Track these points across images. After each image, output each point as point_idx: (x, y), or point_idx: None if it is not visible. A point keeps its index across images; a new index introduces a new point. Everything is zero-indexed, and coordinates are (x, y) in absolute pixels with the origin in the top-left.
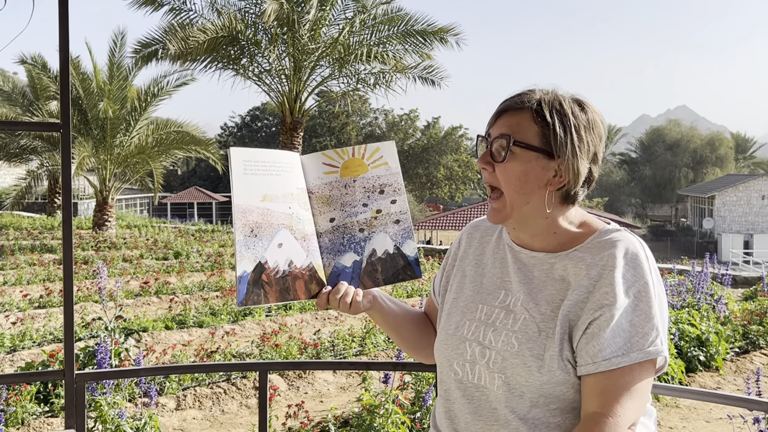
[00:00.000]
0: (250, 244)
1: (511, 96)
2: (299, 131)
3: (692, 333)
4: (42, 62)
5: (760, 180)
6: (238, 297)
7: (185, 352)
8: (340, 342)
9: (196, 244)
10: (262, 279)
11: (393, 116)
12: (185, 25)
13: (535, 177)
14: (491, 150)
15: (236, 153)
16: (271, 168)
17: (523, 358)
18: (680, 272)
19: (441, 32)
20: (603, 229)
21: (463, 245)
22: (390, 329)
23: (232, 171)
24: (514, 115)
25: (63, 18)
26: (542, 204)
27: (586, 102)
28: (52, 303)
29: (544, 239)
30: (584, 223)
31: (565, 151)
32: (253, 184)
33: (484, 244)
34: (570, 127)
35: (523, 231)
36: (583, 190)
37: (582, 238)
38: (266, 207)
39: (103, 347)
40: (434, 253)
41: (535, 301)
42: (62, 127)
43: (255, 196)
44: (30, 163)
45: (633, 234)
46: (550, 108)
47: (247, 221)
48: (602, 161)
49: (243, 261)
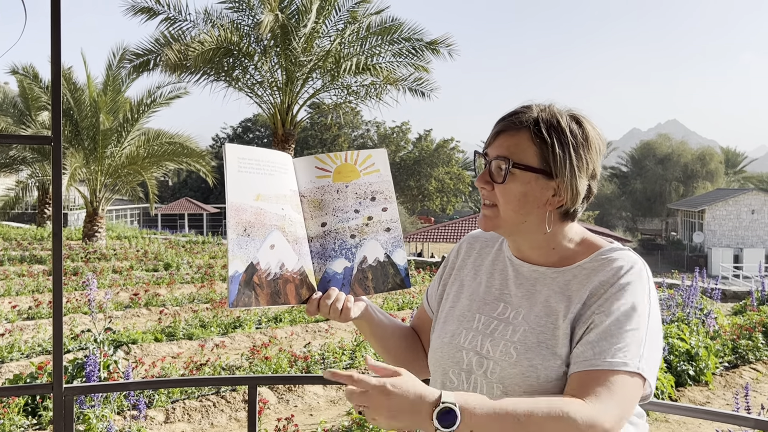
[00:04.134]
0: (243, 244)
1: (508, 114)
2: (291, 143)
3: (682, 347)
4: (33, 72)
5: (750, 194)
6: (229, 297)
7: (174, 364)
8: (330, 355)
9: (186, 256)
10: (253, 281)
11: (385, 128)
12: (179, 35)
13: (534, 197)
14: (490, 169)
15: (231, 150)
16: (265, 167)
17: (521, 368)
18: (670, 286)
19: (434, 43)
20: (607, 247)
21: (462, 255)
22: (377, 341)
23: (227, 168)
24: (513, 135)
25: (55, 32)
26: (540, 222)
27: (584, 117)
28: (41, 314)
29: (544, 253)
30: (585, 240)
31: (564, 171)
32: (248, 182)
33: (484, 255)
34: (568, 145)
35: (521, 242)
36: (582, 206)
37: (584, 255)
38: (260, 206)
39: (92, 360)
40: (425, 266)
41: (537, 314)
42: (53, 140)
43: (249, 195)
44: (20, 173)
45: (636, 254)
46: (547, 127)
47: (241, 220)
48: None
49: (235, 260)
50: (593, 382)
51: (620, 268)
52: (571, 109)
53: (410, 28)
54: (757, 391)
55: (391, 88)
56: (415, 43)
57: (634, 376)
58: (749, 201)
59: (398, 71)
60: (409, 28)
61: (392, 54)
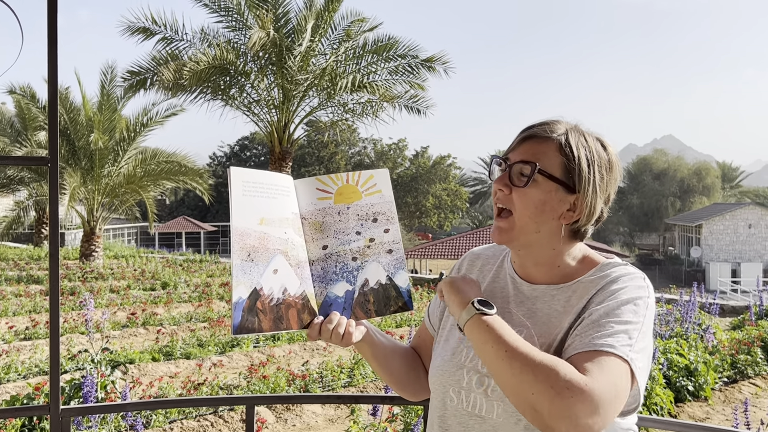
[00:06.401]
0: (247, 269)
1: (537, 123)
2: (288, 161)
3: (681, 363)
4: (31, 92)
5: (746, 209)
6: (233, 324)
7: (172, 384)
8: (328, 373)
9: (183, 275)
10: (256, 306)
11: (382, 145)
12: (176, 55)
13: (551, 208)
14: (510, 173)
15: (236, 173)
16: (268, 190)
17: None
18: (668, 301)
19: (430, 60)
20: (605, 262)
21: (463, 272)
22: (378, 363)
23: (232, 192)
24: (541, 143)
25: (52, 54)
26: (552, 235)
27: (607, 142)
28: (38, 335)
29: (547, 271)
30: (586, 257)
31: (586, 187)
32: (252, 206)
33: (485, 273)
34: (594, 164)
35: (527, 257)
36: (591, 227)
37: (584, 271)
38: (263, 231)
39: (89, 380)
40: (423, 283)
41: (538, 333)
42: (50, 161)
43: (253, 219)
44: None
45: (636, 268)
46: (576, 142)
47: (245, 245)
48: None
49: (239, 286)
50: (581, 360)
51: (617, 274)
52: (595, 132)
53: (406, 46)
54: (756, 406)
55: (388, 105)
56: (410, 60)
57: (623, 362)
58: (746, 215)
59: (394, 89)
60: (404, 46)
61: (388, 72)
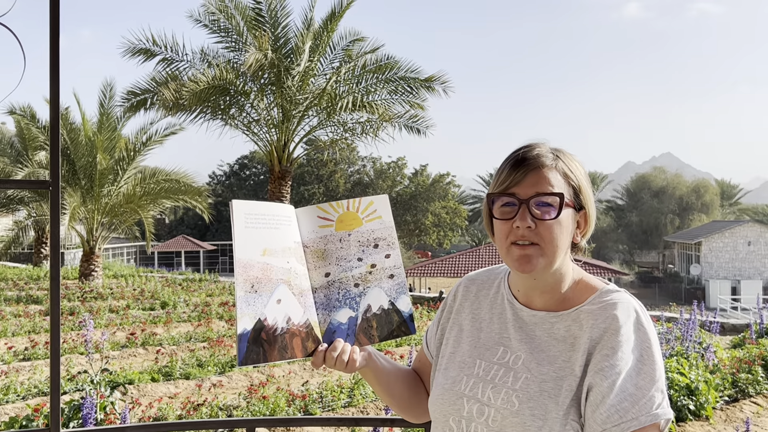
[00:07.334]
0: (251, 301)
1: (525, 151)
2: (287, 180)
3: (681, 382)
4: (31, 113)
5: (746, 226)
6: (238, 356)
7: (171, 405)
8: (328, 393)
9: (183, 294)
10: (261, 337)
11: (381, 164)
12: (176, 75)
13: (569, 231)
14: (530, 207)
15: (238, 206)
16: (270, 221)
17: (523, 417)
18: (668, 320)
19: (429, 80)
20: (603, 289)
21: (459, 298)
22: (381, 388)
23: (234, 224)
24: (547, 172)
25: (54, 78)
26: (566, 254)
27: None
28: (37, 355)
29: (549, 297)
30: (581, 281)
31: (587, 202)
32: (254, 237)
33: (481, 298)
34: (584, 178)
35: (538, 285)
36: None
37: (582, 298)
38: (266, 261)
39: (88, 402)
40: (423, 301)
41: (537, 361)
42: (51, 184)
43: (256, 251)
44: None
45: (632, 296)
46: (568, 162)
47: (248, 276)
48: None
49: (244, 318)
50: None
51: (620, 313)
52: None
53: (405, 66)
54: (758, 425)
55: (387, 124)
56: (410, 81)
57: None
58: (745, 233)
59: (394, 108)
60: (404, 66)
61: (388, 92)
